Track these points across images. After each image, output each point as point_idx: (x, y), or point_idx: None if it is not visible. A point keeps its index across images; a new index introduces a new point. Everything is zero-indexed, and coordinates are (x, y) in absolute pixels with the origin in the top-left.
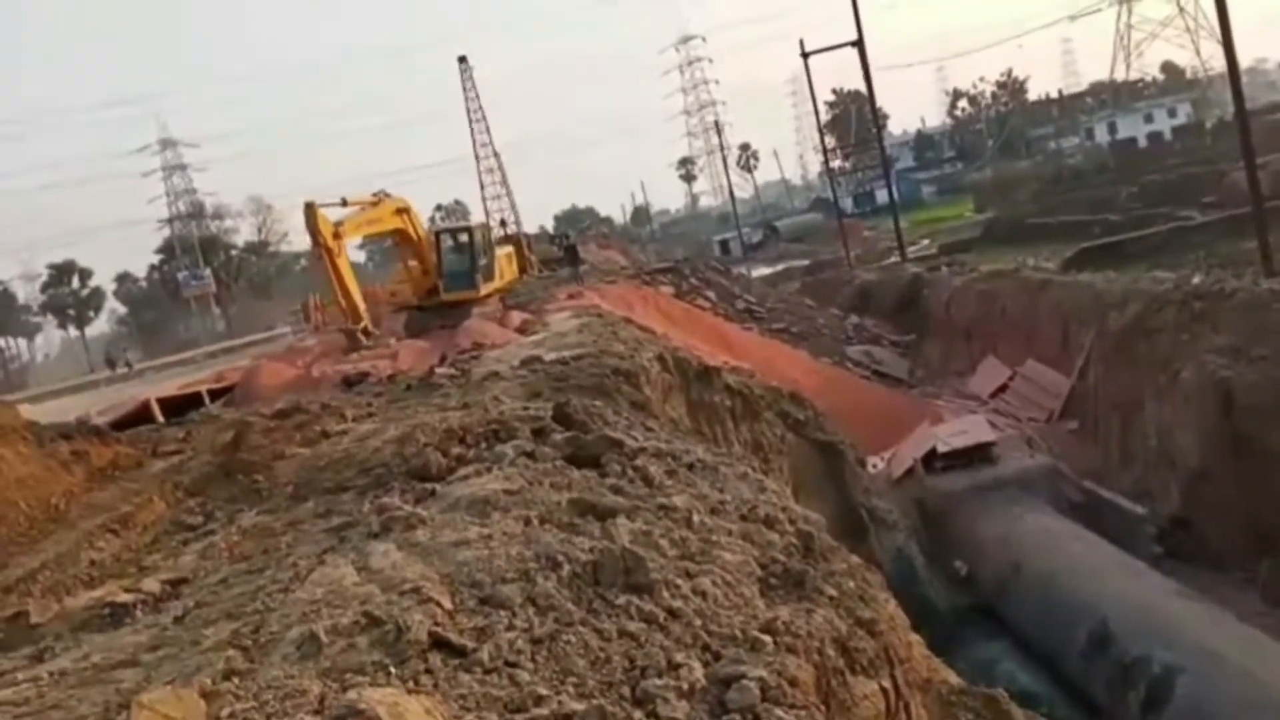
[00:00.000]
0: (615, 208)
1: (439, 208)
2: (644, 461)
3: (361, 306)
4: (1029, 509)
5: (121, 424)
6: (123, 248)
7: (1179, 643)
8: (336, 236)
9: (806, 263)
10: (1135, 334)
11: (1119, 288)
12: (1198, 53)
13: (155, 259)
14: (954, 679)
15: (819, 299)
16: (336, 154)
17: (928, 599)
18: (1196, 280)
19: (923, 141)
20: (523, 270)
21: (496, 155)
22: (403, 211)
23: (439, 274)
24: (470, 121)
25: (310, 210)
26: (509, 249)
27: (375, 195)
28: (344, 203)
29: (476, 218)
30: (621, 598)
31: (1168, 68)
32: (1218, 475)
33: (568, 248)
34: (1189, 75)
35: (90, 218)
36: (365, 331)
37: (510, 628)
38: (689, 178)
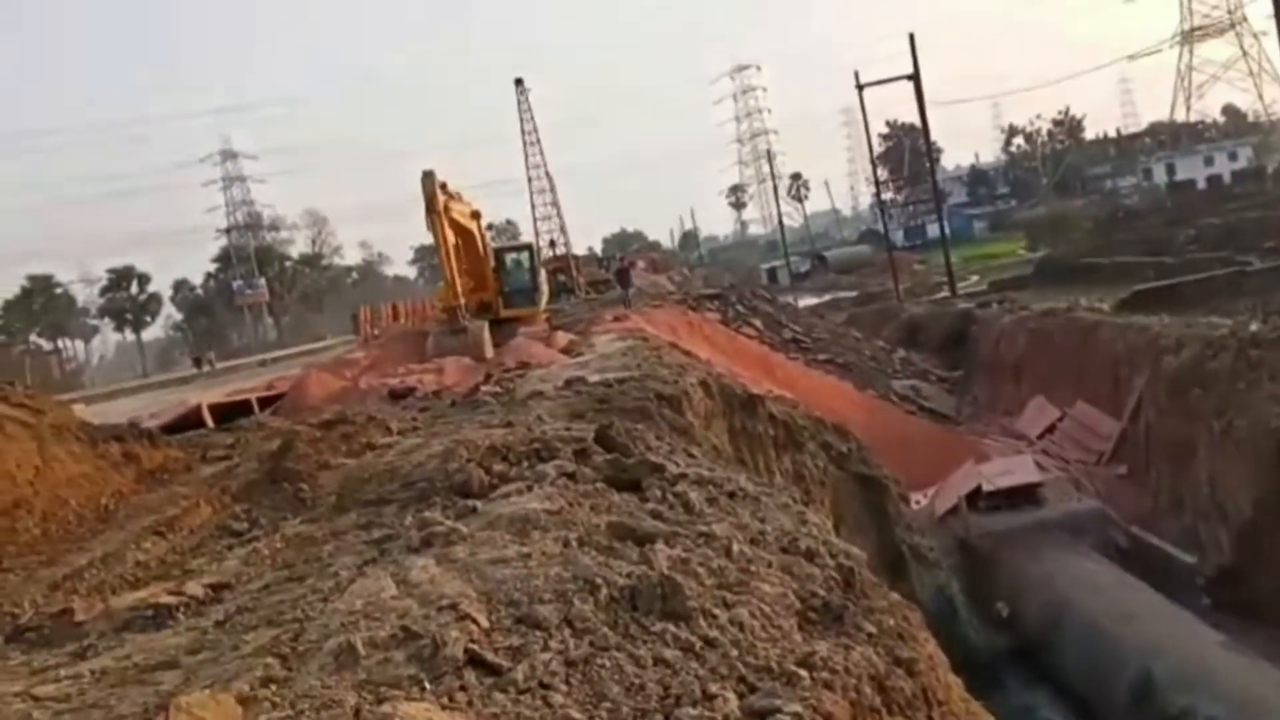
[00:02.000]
0: (664, 232)
1: (490, 226)
2: (685, 487)
3: (459, 285)
4: (1074, 553)
5: (172, 428)
6: (181, 256)
7: (1225, 696)
8: (445, 211)
9: (854, 294)
10: (1189, 379)
11: (1174, 331)
12: (1260, 96)
13: (212, 267)
14: None
15: (866, 331)
16: (391, 172)
17: (968, 640)
18: (1254, 327)
19: (976, 177)
20: (570, 291)
21: (549, 177)
22: (476, 216)
23: (499, 290)
24: (525, 143)
25: (429, 178)
26: (543, 272)
27: (456, 193)
28: (444, 186)
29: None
30: (658, 624)
31: (1229, 110)
32: (1270, 527)
33: (619, 270)
34: (1251, 118)
35: (151, 226)
36: (463, 310)
37: (546, 649)
38: (739, 205)
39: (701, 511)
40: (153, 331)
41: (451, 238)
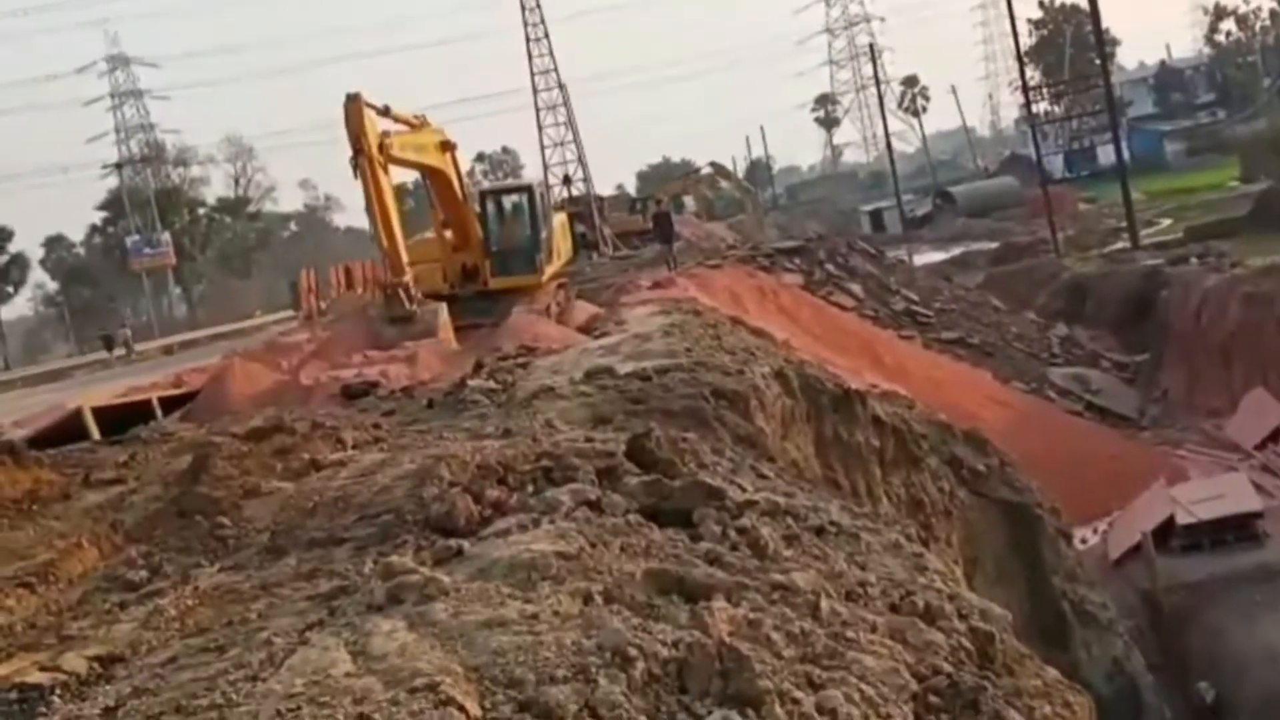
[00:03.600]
0: (723, 162)
1: (480, 158)
2: (753, 521)
3: (404, 254)
4: None
5: (44, 439)
6: (54, 203)
7: None
8: (382, 150)
9: (994, 246)
10: None
11: None
12: None
13: (97, 218)
14: None
15: (1011, 299)
16: (340, 84)
17: None
18: None
19: (1168, 79)
20: (592, 247)
21: (562, 87)
22: (448, 148)
23: (487, 250)
24: (527, 39)
25: (354, 106)
26: (561, 217)
27: (416, 116)
28: (386, 111)
29: (530, 173)
30: (716, 713)
31: None
32: None
33: (658, 217)
34: None
35: (10, 160)
36: (408, 291)
37: None
38: (828, 122)
39: (777, 554)
40: (15, 307)
41: (393, 197)
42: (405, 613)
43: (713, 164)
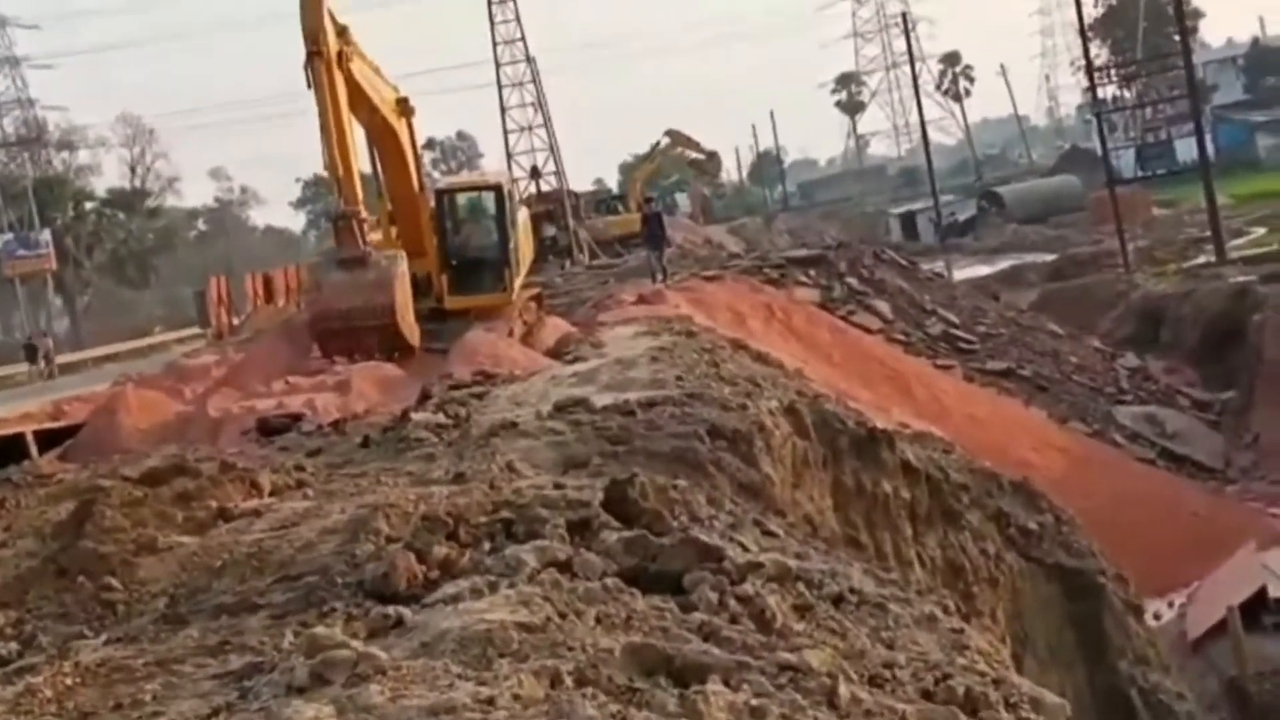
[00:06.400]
0: (724, 154)
1: (431, 145)
2: (757, 588)
3: (359, 182)
4: None
5: None
6: None
7: None
8: (340, 63)
9: (1051, 258)
10: None
11: None
12: None
13: None
14: None
15: (1071, 322)
16: (261, 51)
17: None
18: None
19: (1262, 59)
20: (564, 254)
21: (530, 60)
22: (405, 113)
23: (444, 261)
24: (489, 1)
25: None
26: (524, 213)
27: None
28: (343, 33)
29: (491, 164)
30: None
31: None
32: None
33: (648, 218)
34: None
35: None
36: (361, 226)
37: None
38: (851, 107)
39: (785, 628)
40: None
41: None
42: (333, 696)
43: (669, 132)
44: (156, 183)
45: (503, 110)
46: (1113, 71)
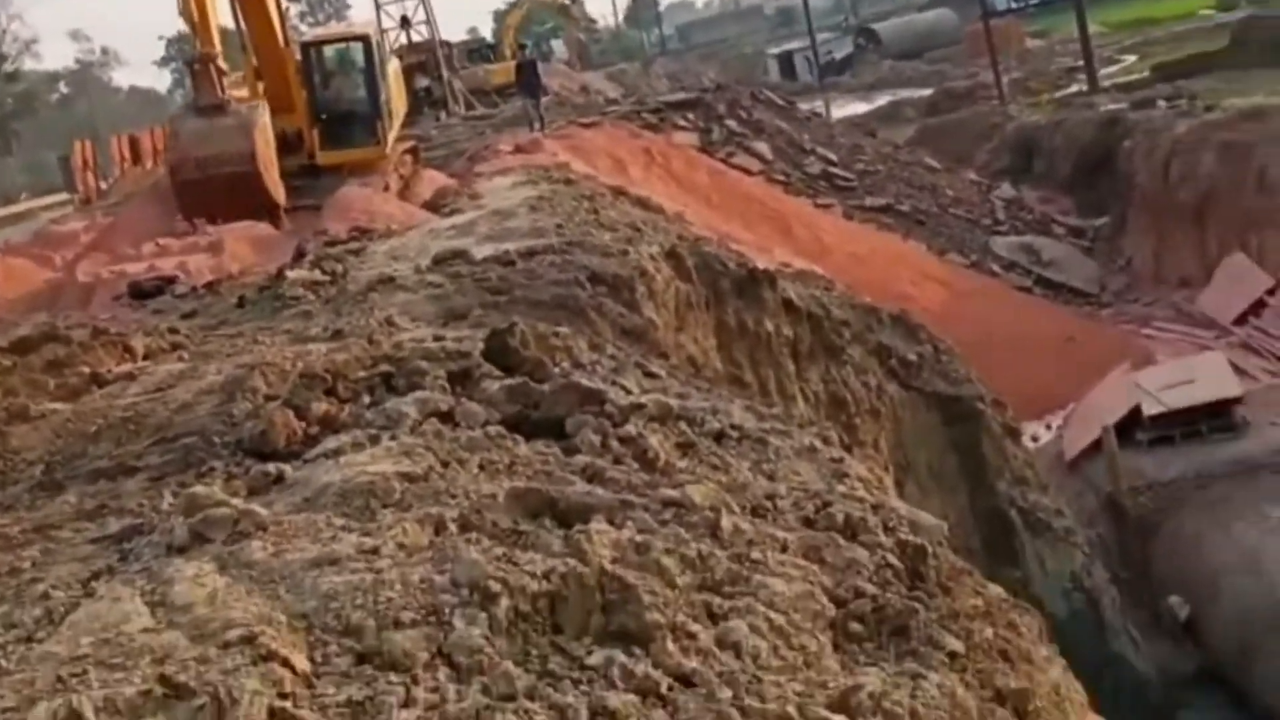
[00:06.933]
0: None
1: None
2: (639, 428)
3: (214, 24)
4: None
5: None
6: None
7: None
8: None
9: (927, 93)
10: None
11: None
12: None
13: None
14: None
15: (948, 156)
16: None
17: (1121, 659)
18: None
19: None
20: (439, 105)
21: None
22: None
23: (314, 115)
24: None
25: None
26: (395, 65)
27: None
28: None
29: (359, 15)
30: (598, 653)
31: None
32: None
33: (522, 66)
34: None
35: None
36: (219, 71)
37: (408, 704)
38: None
39: (668, 466)
40: None
41: None
42: (214, 553)
43: None
44: (13, 46)
45: None
46: None
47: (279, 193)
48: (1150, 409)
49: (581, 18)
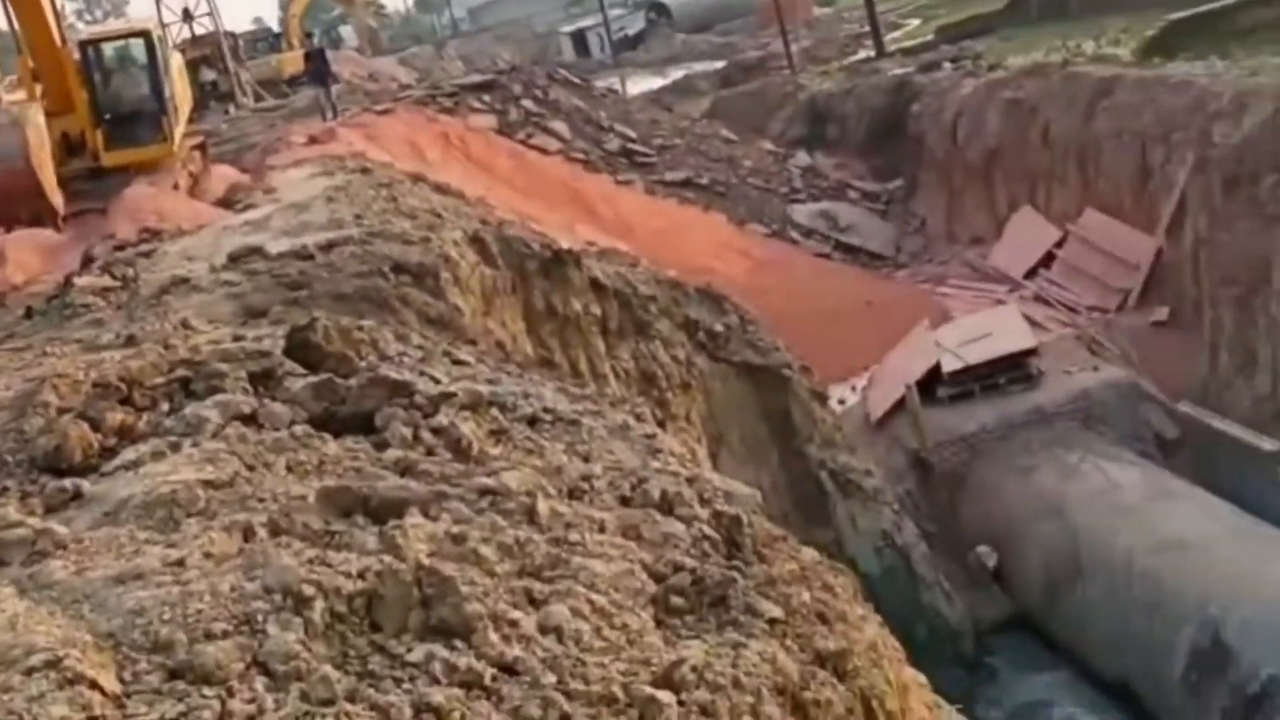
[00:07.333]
0: None
1: None
2: (450, 418)
3: None
4: (1095, 455)
5: None
6: None
7: None
8: None
9: (720, 66)
10: (1257, 159)
11: (1228, 85)
12: None
13: None
14: None
15: (743, 127)
16: None
17: (934, 611)
18: None
19: None
20: (226, 98)
21: None
22: None
23: (94, 118)
24: None
25: None
26: (178, 59)
27: None
28: None
29: (140, 10)
30: (418, 649)
31: None
32: None
33: (311, 54)
34: None
35: None
36: None
37: (224, 717)
38: None
39: (482, 454)
40: None
41: None
42: (12, 576)
43: None
44: None
45: None
46: None
47: (56, 197)
48: (949, 365)
49: (368, 3)
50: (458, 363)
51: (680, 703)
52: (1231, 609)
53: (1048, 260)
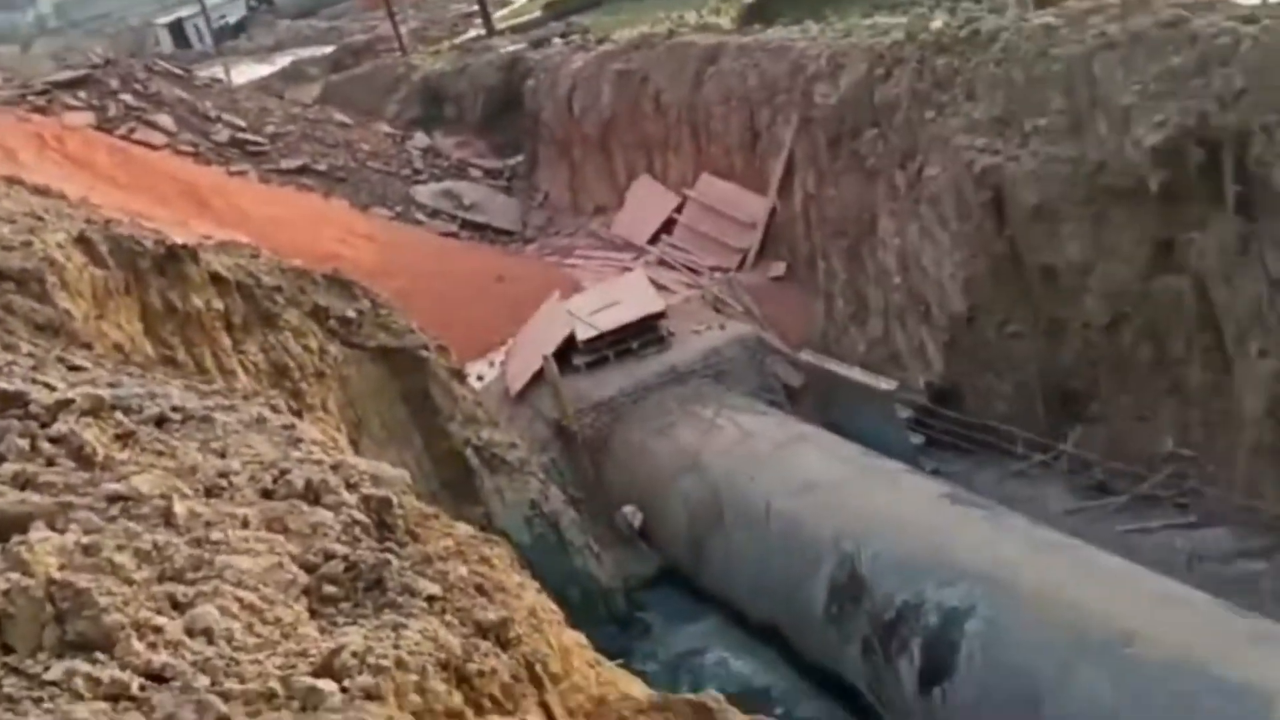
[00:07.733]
0: None
1: None
2: (71, 425)
3: None
4: (725, 408)
5: None
6: None
7: (961, 574)
8: None
9: (329, 50)
10: (855, 116)
11: (824, 47)
12: None
13: None
14: (641, 690)
15: (358, 111)
16: None
17: (586, 573)
18: (938, 24)
19: None
20: None
21: None
22: None
23: None
24: None
25: None
26: None
27: None
28: None
29: None
30: (56, 666)
31: None
32: (991, 316)
33: None
34: None
35: None
36: None
37: None
38: None
39: (109, 460)
40: None
41: None
42: None
43: None
44: None
45: None
46: None
47: None
48: (583, 334)
49: None
50: (74, 368)
51: (344, 689)
52: (864, 543)
53: (669, 226)
